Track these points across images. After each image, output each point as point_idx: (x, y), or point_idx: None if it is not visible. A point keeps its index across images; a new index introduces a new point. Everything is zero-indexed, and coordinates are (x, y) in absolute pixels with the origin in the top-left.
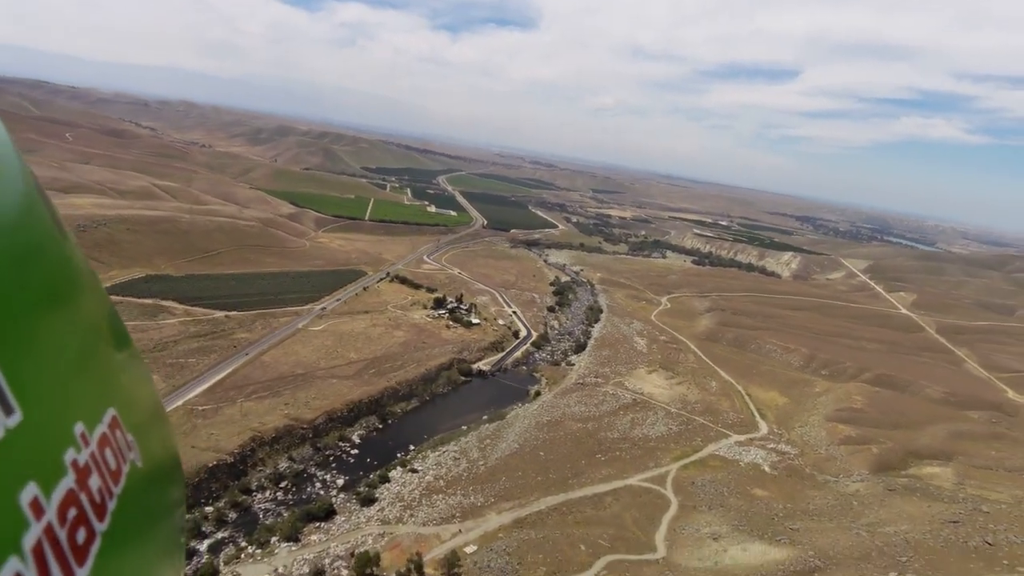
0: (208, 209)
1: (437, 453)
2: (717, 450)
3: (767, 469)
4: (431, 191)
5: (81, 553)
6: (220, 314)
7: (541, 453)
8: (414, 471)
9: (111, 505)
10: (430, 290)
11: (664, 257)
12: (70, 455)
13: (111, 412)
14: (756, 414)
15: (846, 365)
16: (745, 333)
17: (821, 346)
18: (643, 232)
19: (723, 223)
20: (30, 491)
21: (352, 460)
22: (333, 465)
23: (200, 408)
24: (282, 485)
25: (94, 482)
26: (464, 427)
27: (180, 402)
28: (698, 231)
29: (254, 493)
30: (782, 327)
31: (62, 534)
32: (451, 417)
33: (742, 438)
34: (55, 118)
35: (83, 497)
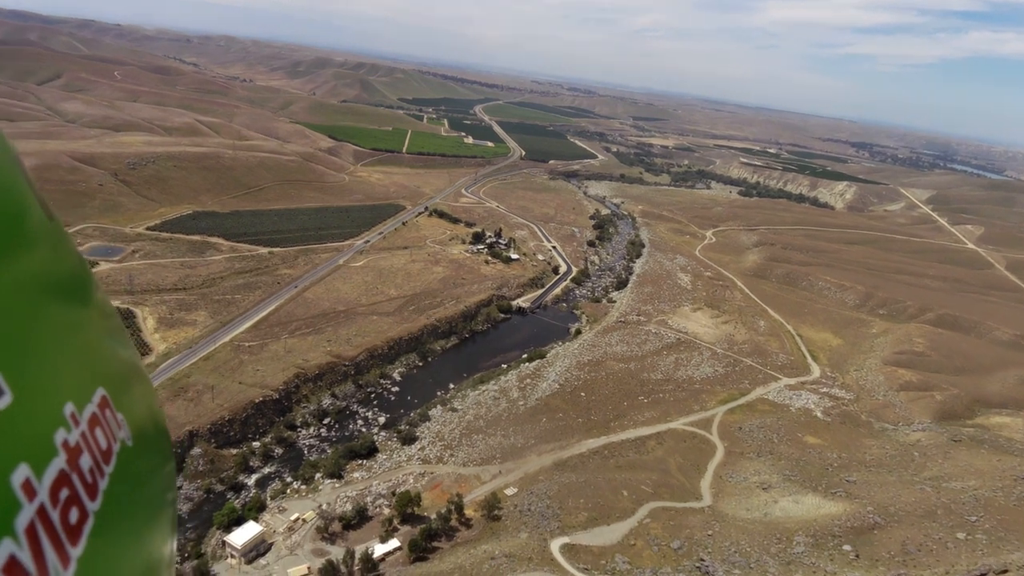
0: (250, 144)
1: (477, 392)
2: (766, 394)
3: (820, 415)
4: (468, 122)
5: (74, 533)
6: (264, 250)
7: (582, 394)
8: (454, 410)
9: (103, 484)
10: (468, 224)
11: (709, 188)
12: (61, 435)
13: (100, 392)
14: (808, 356)
15: (906, 304)
16: (796, 269)
17: (879, 283)
18: (686, 161)
19: (771, 151)
20: (22, 472)
21: (393, 398)
22: (374, 402)
23: (246, 344)
24: (325, 422)
25: (85, 462)
26: (504, 365)
27: (227, 338)
28: (745, 160)
29: (299, 429)
30: (836, 263)
31: (55, 515)
32: (490, 355)
33: (792, 381)
34: (104, 56)
35: (75, 477)
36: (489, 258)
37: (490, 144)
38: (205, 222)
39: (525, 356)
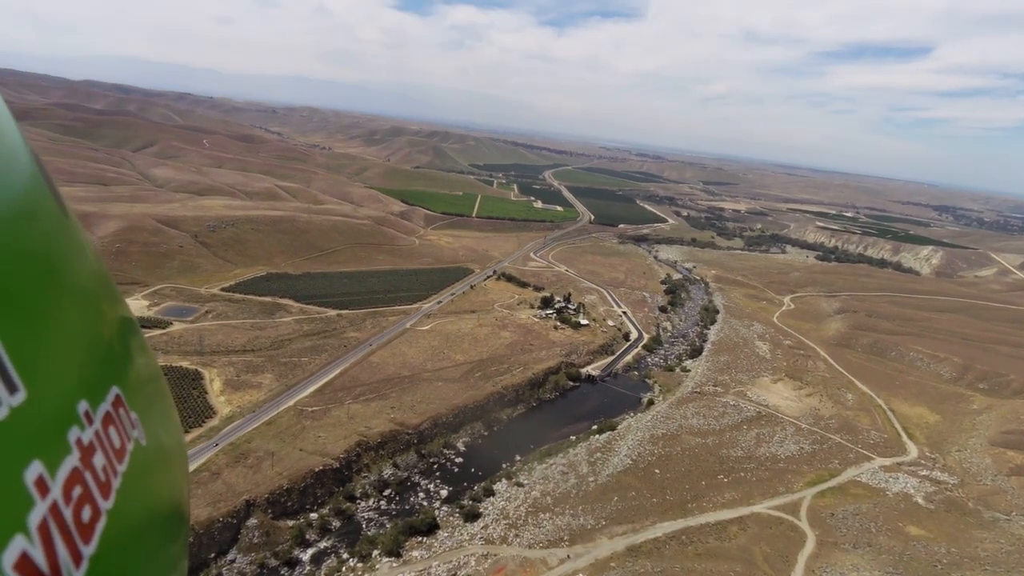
0: (325, 208)
1: (544, 465)
2: (858, 475)
3: (921, 501)
4: (537, 186)
5: (87, 531)
6: (332, 312)
7: (656, 471)
8: (520, 485)
9: (116, 483)
10: (537, 288)
11: (784, 252)
12: (74, 433)
13: (114, 390)
14: (902, 433)
15: (1009, 378)
16: (883, 338)
17: (976, 355)
18: (759, 226)
19: (848, 215)
20: (35, 469)
21: (456, 469)
22: (437, 473)
23: (310, 409)
24: (386, 493)
25: (98, 460)
26: (573, 437)
27: (291, 402)
28: (821, 224)
29: (358, 500)
30: (926, 332)
31: (67, 512)
32: (559, 425)
33: (887, 462)
34: (195, 126)
35: (88, 475)
36: (558, 323)
37: (559, 208)
38: (277, 283)
39: (595, 427)
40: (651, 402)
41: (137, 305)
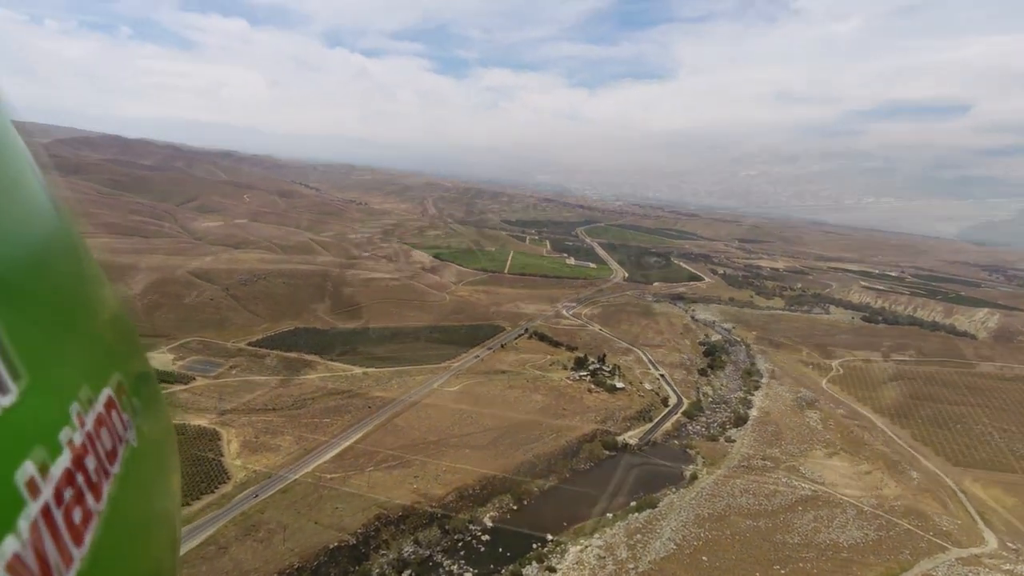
0: (357, 263)
1: (578, 547)
2: (933, 569)
3: None
4: (570, 243)
5: (78, 533)
6: (359, 370)
7: (704, 558)
8: (551, 570)
9: (107, 486)
10: (570, 348)
11: (827, 313)
12: (66, 434)
13: (107, 392)
14: (978, 519)
15: None
16: (945, 408)
17: None
18: (799, 285)
19: (892, 274)
20: (26, 470)
21: (482, 548)
22: (461, 552)
23: (328, 476)
24: (405, 574)
25: (90, 462)
26: (609, 515)
27: (309, 468)
28: (865, 283)
29: None
30: (992, 402)
31: (59, 514)
32: (594, 500)
33: (964, 553)
34: (237, 181)
35: (80, 477)
36: (592, 386)
37: (592, 265)
38: (304, 338)
39: (634, 504)
40: (694, 476)
41: (163, 359)
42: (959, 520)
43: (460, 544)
